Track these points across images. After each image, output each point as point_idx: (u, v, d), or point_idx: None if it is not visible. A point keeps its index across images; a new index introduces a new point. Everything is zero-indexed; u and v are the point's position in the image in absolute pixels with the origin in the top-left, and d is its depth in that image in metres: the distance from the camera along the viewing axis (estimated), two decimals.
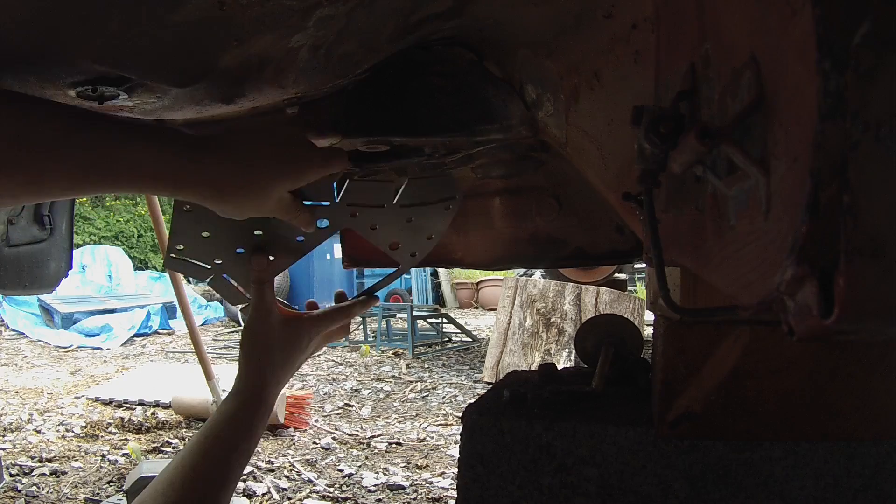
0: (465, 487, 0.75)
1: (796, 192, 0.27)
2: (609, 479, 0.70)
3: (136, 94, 0.74)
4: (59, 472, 2.62)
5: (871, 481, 0.66)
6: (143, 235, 13.40)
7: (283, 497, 2.34)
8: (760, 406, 0.63)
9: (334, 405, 3.74)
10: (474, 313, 9.48)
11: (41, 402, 3.87)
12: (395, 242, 0.97)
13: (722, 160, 0.38)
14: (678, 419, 0.65)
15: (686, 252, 0.50)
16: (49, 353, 5.89)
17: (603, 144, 0.81)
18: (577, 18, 0.77)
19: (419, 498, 2.33)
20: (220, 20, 0.61)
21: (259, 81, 0.78)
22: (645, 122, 0.43)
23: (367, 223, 0.94)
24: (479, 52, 0.96)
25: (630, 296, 4.24)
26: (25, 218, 1.74)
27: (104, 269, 8.86)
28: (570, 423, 0.72)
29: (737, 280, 0.36)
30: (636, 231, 0.88)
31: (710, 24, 0.42)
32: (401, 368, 4.83)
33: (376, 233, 0.95)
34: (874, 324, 0.25)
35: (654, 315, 0.74)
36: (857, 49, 0.24)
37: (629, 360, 0.92)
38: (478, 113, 0.98)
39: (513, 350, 4.17)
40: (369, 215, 0.93)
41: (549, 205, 1.18)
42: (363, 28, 0.74)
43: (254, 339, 0.86)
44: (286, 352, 0.87)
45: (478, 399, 0.85)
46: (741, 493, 0.67)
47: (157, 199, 2.82)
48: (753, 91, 0.33)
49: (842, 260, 0.24)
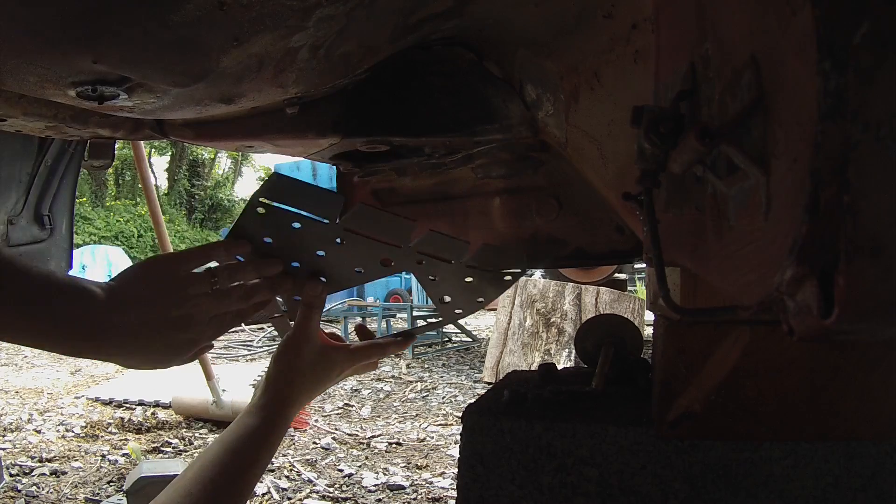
0: (465, 487, 0.75)
1: (796, 192, 0.27)
2: (609, 479, 0.70)
3: (136, 94, 0.74)
4: (59, 472, 2.62)
5: (871, 481, 0.66)
6: (143, 235, 13.41)
7: (283, 497, 2.34)
8: (760, 406, 0.63)
9: (334, 405, 3.74)
10: (474, 313, 9.48)
11: (41, 402, 3.87)
12: (445, 297, 0.97)
13: (722, 160, 0.38)
14: (678, 419, 0.65)
15: (686, 252, 0.50)
16: (49, 353, 5.88)
17: (603, 144, 0.81)
18: (577, 18, 0.77)
19: (419, 498, 2.33)
20: (220, 20, 0.61)
21: (259, 81, 0.78)
22: (645, 122, 0.43)
23: (429, 273, 0.92)
24: (479, 52, 0.96)
25: (630, 296, 4.24)
26: (25, 218, 1.74)
27: (104, 269, 8.87)
28: (570, 423, 0.72)
29: (737, 280, 0.36)
30: (636, 231, 0.88)
31: (710, 24, 0.42)
32: (401, 368, 4.84)
33: (434, 283, 0.94)
34: (874, 324, 0.25)
35: (654, 315, 0.74)
36: (857, 49, 0.24)
37: (629, 360, 0.92)
38: (478, 113, 0.98)
39: (513, 350, 4.17)
40: (433, 266, 0.91)
41: (549, 205, 1.18)
42: (363, 28, 0.74)
43: (288, 360, 0.87)
44: (317, 377, 0.88)
45: (478, 399, 0.85)
46: (741, 493, 0.67)
47: (157, 199, 2.82)
48: (753, 91, 0.33)
49: (842, 260, 0.24)
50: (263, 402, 0.84)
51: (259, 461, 0.80)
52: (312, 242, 0.87)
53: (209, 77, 0.72)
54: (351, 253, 0.88)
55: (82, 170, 1.79)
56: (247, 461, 0.79)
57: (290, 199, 0.83)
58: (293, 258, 0.89)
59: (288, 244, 0.87)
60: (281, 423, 0.84)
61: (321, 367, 0.88)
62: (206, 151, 18.61)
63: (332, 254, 0.89)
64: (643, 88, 0.70)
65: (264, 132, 0.98)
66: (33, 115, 0.90)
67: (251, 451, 0.80)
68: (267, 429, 0.82)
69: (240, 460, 0.78)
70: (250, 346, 6.08)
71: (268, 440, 0.82)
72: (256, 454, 0.80)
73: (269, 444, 0.82)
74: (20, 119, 0.90)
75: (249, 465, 0.79)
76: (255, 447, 0.80)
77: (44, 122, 0.93)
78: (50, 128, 0.98)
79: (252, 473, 0.79)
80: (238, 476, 0.77)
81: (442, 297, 0.96)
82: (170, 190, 17.92)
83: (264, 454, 0.81)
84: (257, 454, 0.80)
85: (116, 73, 0.68)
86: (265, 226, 0.85)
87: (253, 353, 5.72)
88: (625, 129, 0.76)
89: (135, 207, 14.47)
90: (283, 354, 0.87)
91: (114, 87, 0.71)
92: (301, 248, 0.88)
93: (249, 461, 0.79)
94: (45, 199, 1.76)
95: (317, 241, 0.87)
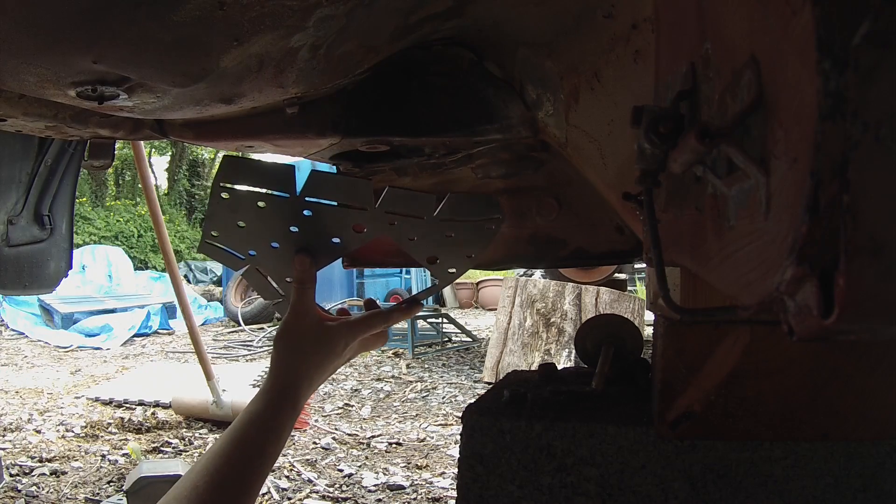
0: (465, 487, 0.75)
1: (796, 192, 0.27)
2: (609, 479, 0.70)
3: (136, 94, 0.74)
4: (59, 472, 2.62)
5: (871, 481, 0.66)
6: (143, 235, 13.41)
7: (283, 497, 2.34)
8: (760, 406, 0.62)
9: (334, 405, 3.74)
10: (474, 313, 9.48)
11: (41, 402, 3.87)
12: (433, 257, 0.96)
13: (722, 160, 0.38)
14: (678, 419, 0.65)
15: (686, 252, 0.50)
16: (49, 353, 5.89)
17: (603, 144, 0.81)
18: (577, 18, 0.77)
19: (419, 498, 2.33)
20: (220, 20, 0.61)
21: (259, 81, 0.78)
22: (645, 122, 0.43)
23: (406, 234, 0.92)
24: (479, 52, 0.96)
25: (630, 296, 4.24)
26: (25, 218, 1.74)
27: (104, 269, 8.87)
28: (570, 423, 0.72)
29: (737, 280, 0.36)
30: (636, 231, 0.88)
31: (710, 24, 0.42)
32: (401, 368, 4.83)
33: (415, 244, 0.93)
34: (874, 324, 0.25)
35: (654, 315, 0.74)
36: (857, 49, 0.24)
37: (629, 360, 0.92)
38: (478, 113, 0.98)
39: (513, 350, 4.17)
40: (409, 226, 0.91)
41: (549, 205, 1.18)
42: (363, 28, 0.74)
43: (288, 340, 0.85)
44: (321, 355, 0.85)
45: (478, 399, 0.85)
46: (741, 493, 0.67)
47: (157, 199, 2.82)
48: (753, 91, 0.33)
49: (842, 260, 0.24)
50: (267, 388, 0.82)
51: (265, 450, 0.77)
52: (283, 219, 0.87)
53: (209, 77, 0.72)
54: (322, 224, 0.88)
55: (82, 170, 1.80)
56: (252, 449, 0.76)
57: (247, 179, 0.84)
58: (270, 238, 0.89)
59: (260, 225, 0.88)
60: (286, 407, 0.80)
61: (322, 343, 0.85)
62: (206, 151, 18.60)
63: (304, 228, 0.89)
64: (643, 88, 0.70)
65: (264, 132, 0.98)
66: (33, 115, 0.90)
67: (256, 439, 0.77)
68: (270, 414, 0.79)
69: (245, 449, 0.76)
70: (250, 346, 6.08)
71: (272, 426, 0.79)
72: (262, 442, 0.77)
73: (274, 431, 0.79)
74: (20, 119, 0.90)
75: (256, 454, 0.76)
76: (260, 434, 0.78)
77: (44, 122, 0.93)
78: (50, 128, 0.98)
79: (259, 463, 0.77)
80: (243, 466, 0.75)
81: (430, 258, 0.96)
82: (170, 190, 17.91)
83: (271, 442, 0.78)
84: (263, 442, 0.77)
85: (116, 73, 0.68)
86: (233, 209, 0.86)
87: (253, 353, 5.72)
88: (625, 129, 0.76)
89: (135, 207, 14.47)
90: (281, 337, 0.85)
91: (114, 87, 0.71)
92: (274, 227, 0.88)
93: (255, 450, 0.77)
94: (45, 199, 1.76)
95: (287, 218, 0.87)
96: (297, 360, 0.84)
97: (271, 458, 0.79)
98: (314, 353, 0.85)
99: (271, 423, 0.79)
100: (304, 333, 0.85)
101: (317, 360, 0.85)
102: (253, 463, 0.76)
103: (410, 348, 5.41)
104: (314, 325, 0.86)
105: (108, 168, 1.54)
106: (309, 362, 0.84)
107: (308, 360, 0.84)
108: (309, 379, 0.84)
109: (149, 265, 12.68)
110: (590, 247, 1.17)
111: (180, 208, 17.37)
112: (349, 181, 0.86)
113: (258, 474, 0.77)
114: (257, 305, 7.57)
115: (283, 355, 0.84)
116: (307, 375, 0.84)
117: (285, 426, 0.80)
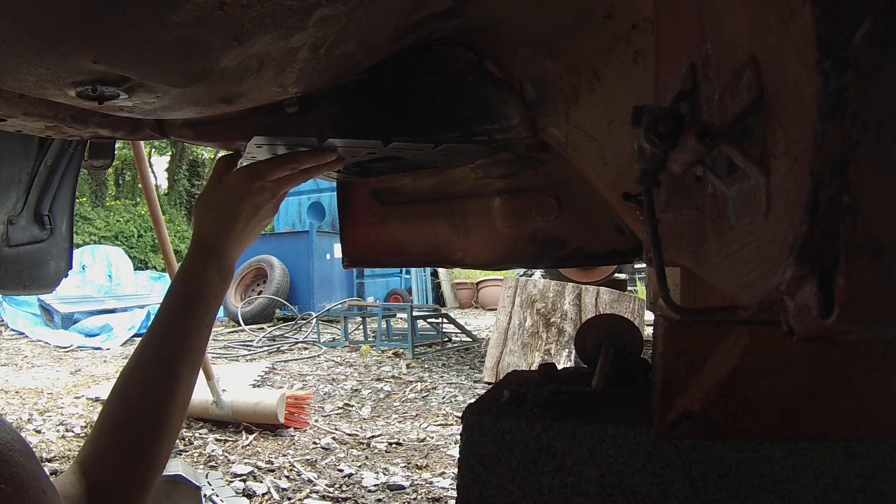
0: (465, 487, 0.75)
1: (796, 192, 0.27)
2: (609, 479, 0.70)
3: (136, 94, 0.74)
4: (59, 472, 2.62)
5: (871, 481, 0.66)
6: (143, 235, 13.41)
7: (283, 497, 2.34)
8: (760, 406, 0.63)
9: (334, 405, 3.74)
10: (474, 313, 9.48)
11: (41, 402, 3.87)
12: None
13: (722, 160, 0.38)
14: (678, 419, 0.65)
15: (686, 252, 0.50)
16: (49, 353, 5.89)
17: (603, 144, 0.81)
18: (577, 18, 0.77)
19: (419, 498, 2.33)
20: (221, 20, 0.61)
21: (259, 81, 0.78)
22: (645, 122, 0.43)
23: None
24: (479, 52, 0.96)
25: (630, 296, 4.24)
26: (25, 218, 1.74)
27: (104, 269, 8.86)
28: (570, 423, 0.72)
29: (737, 280, 0.36)
30: (636, 231, 0.88)
31: (710, 24, 0.42)
32: (401, 368, 4.83)
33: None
34: (874, 324, 0.25)
35: (654, 315, 0.74)
36: (857, 49, 0.24)
37: (629, 360, 0.92)
38: (478, 113, 0.98)
39: (513, 350, 4.17)
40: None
41: (549, 205, 1.18)
42: (363, 28, 0.74)
43: (198, 201, 0.92)
44: (230, 203, 0.89)
45: (478, 399, 0.85)
46: (741, 493, 0.67)
47: (157, 199, 2.82)
48: (753, 91, 0.33)
49: (842, 260, 0.24)
50: (188, 250, 0.89)
51: (203, 303, 0.85)
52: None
53: (209, 77, 0.72)
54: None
55: (82, 170, 1.80)
56: (188, 303, 0.84)
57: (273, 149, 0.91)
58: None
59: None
60: (205, 256, 0.87)
61: (229, 193, 0.90)
62: (206, 151, 18.60)
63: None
64: (643, 88, 0.70)
65: (264, 132, 0.98)
66: (33, 115, 0.90)
67: (188, 291, 0.85)
68: (190, 264, 0.87)
69: (181, 302, 0.84)
70: (250, 346, 6.08)
71: (197, 280, 0.86)
72: (197, 293, 0.85)
73: (203, 281, 0.86)
74: (20, 119, 0.90)
75: (190, 305, 0.84)
76: (190, 286, 0.86)
77: (44, 122, 0.93)
78: (50, 128, 0.98)
79: (201, 311, 0.84)
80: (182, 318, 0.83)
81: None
82: (170, 190, 17.91)
83: (201, 301, 0.85)
84: (199, 294, 0.85)
85: (116, 73, 0.68)
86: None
87: (253, 353, 5.72)
88: (625, 129, 0.76)
89: (135, 207, 14.47)
90: (197, 199, 0.93)
91: (114, 87, 0.71)
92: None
93: (190, 301, 0.84)
94: (45, 199, 1.76)
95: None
96: (204, 212, 0.91)
97: (209, 310, 0.86)
98: (223, 203, 0.90)
99: (193, 277, 0.87)
100: (210, 191, 0.92)
101: (227, 211, 0.90)
102: (190, 313, 0.84)
103: (410, 348, 5.41)
104: (221, 183, 0.92)
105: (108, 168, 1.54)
106: (219, 214, 0.90)
107: (217, 213, 0.90)
108: (222, 227, 0.90)
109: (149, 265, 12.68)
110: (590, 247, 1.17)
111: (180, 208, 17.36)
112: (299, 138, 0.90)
113: (198, 325, 0.84)
114: (257, 305, 7.58)
115: (195, 215, 0.93)
116: (218, 224, 0.90)
117: (210, 279, 0.87)
